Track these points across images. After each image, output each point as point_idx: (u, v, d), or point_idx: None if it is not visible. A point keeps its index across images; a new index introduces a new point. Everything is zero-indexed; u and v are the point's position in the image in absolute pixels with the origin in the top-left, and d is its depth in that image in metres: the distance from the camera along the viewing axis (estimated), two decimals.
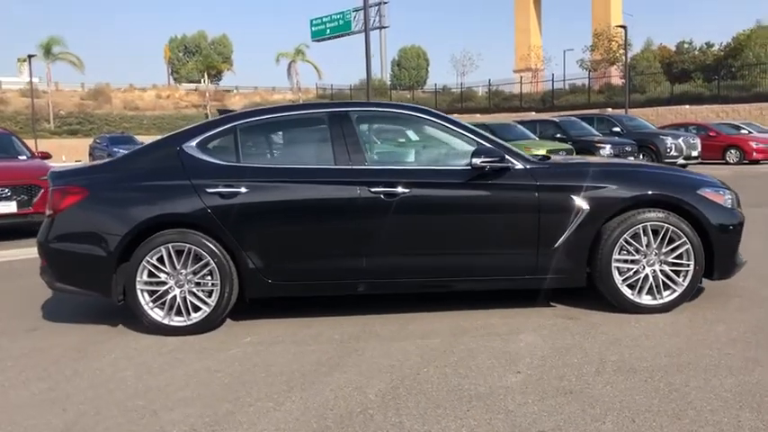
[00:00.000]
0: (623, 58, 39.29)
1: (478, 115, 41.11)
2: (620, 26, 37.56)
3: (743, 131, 24.65)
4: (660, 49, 47.57)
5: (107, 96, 55.71)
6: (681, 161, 19.29)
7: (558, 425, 2.95)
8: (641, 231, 4.55)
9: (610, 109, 33.01)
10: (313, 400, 3.32)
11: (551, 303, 4.91)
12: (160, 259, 4.44)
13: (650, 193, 4.58)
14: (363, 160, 4.61)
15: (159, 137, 5.26)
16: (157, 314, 4.46)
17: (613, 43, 44.17)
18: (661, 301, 4.60)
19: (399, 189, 4.48)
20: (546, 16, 61.29)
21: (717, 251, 4.61)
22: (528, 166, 4.60)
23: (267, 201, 4.50)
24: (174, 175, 4.54)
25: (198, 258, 4.45)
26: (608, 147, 18.19)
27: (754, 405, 3.08)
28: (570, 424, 2.96)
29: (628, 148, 18.57)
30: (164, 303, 4.46)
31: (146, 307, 4.45)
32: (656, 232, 4.56)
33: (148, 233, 4.44)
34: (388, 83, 60.76)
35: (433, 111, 5.08)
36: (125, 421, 3.15)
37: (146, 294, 4.45)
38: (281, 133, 4.99)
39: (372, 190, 4.47)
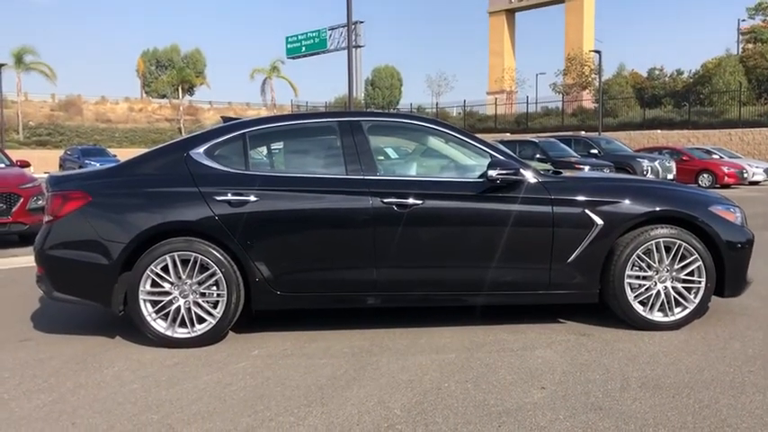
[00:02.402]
0: (595, 82, 39.88)
1: None
2: (595, 51, 38.17)
3: (714, 156, 25.15)
4: (631, 74, 48.49)
5: (78, 108, 54.77)
6: None
7: None
8: (654, 247, 4.51)
9: (583, 132, 33.41)
10: (336, 414, 3.20)
11: (559, 319, 4.85)
12: (164, 268, 4.28)
13: (663, 209, 4.55)
14: (375, 170, 4.51)
15: (160, 145, 5.11)
16: (160, 325, 4.30)
17: (586, 68, 44.91)
18: (672, 318, 4.57)
19: (412, 200, 4.39)
20: (519, 40, 62.06)
21: (728, 268, 4.59)
22: (542, 180, 4.55)
23: (277, 210, 4.37)
24: (180, 181, 4.39)
25: (204, 268, 4.31)
26: (587, 168, 18.32)
27: None
28: None
29: (606, 170, 18.74)
30: (167, 314, 4.30)
31: (148, 318, 4.28)
32: (668, 249, 4.53)
33: (153, 241, 4.29)
34: (363, 102, 60.83)
35: (445, 122, 5.03)
36: None
37: (149, 305, 4.29)
38: (290, 141, 4.87)
39: (385, 201, 4.38)
